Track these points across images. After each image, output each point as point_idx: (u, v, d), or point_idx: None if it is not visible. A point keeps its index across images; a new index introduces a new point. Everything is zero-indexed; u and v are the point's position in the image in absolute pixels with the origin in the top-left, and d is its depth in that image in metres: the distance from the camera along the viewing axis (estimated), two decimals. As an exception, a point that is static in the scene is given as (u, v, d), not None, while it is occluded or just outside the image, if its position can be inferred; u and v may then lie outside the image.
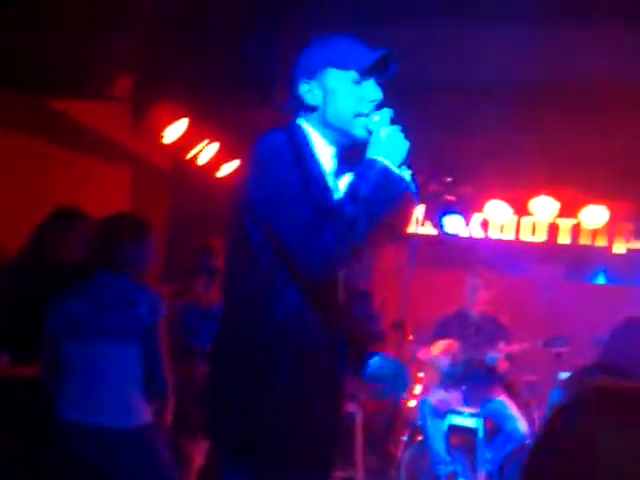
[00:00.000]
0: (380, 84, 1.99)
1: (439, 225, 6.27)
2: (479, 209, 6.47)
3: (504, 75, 4.60)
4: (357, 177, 1.90)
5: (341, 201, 1.87)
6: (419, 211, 6.79)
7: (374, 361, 5.47)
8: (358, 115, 1.96)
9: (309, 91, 1.99)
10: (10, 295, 3.30)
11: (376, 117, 1.95)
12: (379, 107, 1.97)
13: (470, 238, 6.73)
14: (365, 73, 1.95)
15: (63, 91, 4.30)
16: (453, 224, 6.26)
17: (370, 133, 1.94)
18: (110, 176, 5.23)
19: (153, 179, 5.72)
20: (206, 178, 5.67)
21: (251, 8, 4.27)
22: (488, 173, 6.27)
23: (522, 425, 4.90)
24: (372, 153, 1.90)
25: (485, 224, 6.78)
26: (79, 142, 4.81)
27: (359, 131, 1.97)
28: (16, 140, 4.45)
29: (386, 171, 1.86)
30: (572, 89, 4.65)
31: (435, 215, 6.31)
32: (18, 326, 3.21)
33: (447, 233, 6.26)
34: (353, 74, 1.95)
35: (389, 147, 1.89)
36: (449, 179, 6.37)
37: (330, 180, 2.01)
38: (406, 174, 1.92)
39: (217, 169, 5.74)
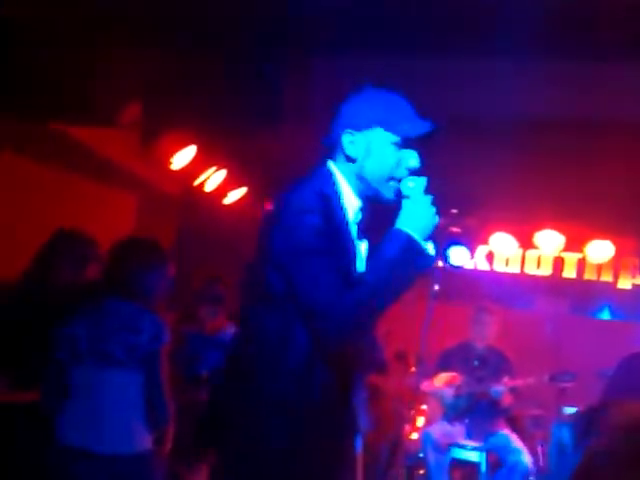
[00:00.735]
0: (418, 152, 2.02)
1: (444, 257, 6.24)
2: (484, 241, 6.46)
3: (510, 109, 4.63)
4: (383, 246, 1.89)
5: (365, 269, 1.89)
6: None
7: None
8: (392, 178, 2.00)
9: (351, 142, 2.01)
10: (14, 321, 3.29)
11: (411, 183, 1.97)
12: (416, 175, 1.99)
13: (475, 270, 6.71)
14: (410, 140, 1.99)
15: (72, 117, 4.35)
16: (458, 256, 6.23)
17: (399, 197, 1.98)
18: (117, 202, 5.25)
19: (160, 205, 5.75)
20: (213, 205, 5.69)
21: (260, 37, 4.32)
22: (493, 206, 6.27)
23: (526, 459, 4.86)
24: (401, 223, 1.91)
25: (490, 257, 6.77)
26: (86, 168, 4.85)
27: (388, 193, 2.01)
28: (23, 165, 4.49)
29: (413, 244, 1.87)
30: (576, 126, 4.67)
31: (440, 247, 6.29)
32: (17, 351, 3.21)
33: (452, 265, 6.24)
34: (397, 138, 1.99)
35: (419, 219, 1.91)
36: (454, 211, 6.38)
37: (353, 232, 2.02)
38: (430, 247, 1.93)
39: (224, 196, 5.77)
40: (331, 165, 2.06)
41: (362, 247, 2.07)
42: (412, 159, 2.01)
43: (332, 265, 1.84)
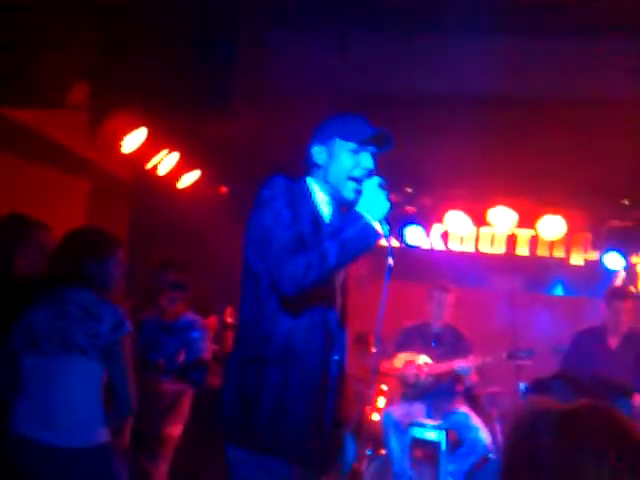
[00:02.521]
0: (376, 155, 2.47)
1: (400, 236, 6.26)
2: (439, 220, 6.49)
3: (463, 88, 4.63)
4: (341, 223, 2.36)
5: (322, 237, 2.31)
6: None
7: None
8: (351, 178, 2.44)
9: (319, 153, 2.51)
10: None
11: (367, 182, 2.41)
12: (371, 175, 2.43)
13: (431, 250, 6.74)
14: (363, 145, 2.44)
15: (16, 99, 4.17)
16: (414, 235, 6.26)
17: (359, 194, 2.40)
18: (68, 187, 5.09)
19: (112, 190, 5.60)
20: (167, 189, 5.57)
21: (210, 19, 4.22)
22: (447, 184, 6.30)
23: (484, 437, 4.92)
24: (359, 208, 2.34)
25: (445, 235, 6.81)
26: (35, 153, 4.67)
27: (348, 193, 2.45)
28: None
29: (365, 225, 2.30)
30: (527, 104, 4.70)
31: (396, 227, 6.30)
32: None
33: (409, 244, 6.26)
34: (353, 145, 2.44)
35: (373, 206, 2.33)
36: (409, 190, 6.40)
37: (324, 221, 2.47)
38: (379, 227, 2.34)
39: (178, 180, 5.65)
40: (308, 178, 2.54)
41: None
42: (366, 161, 2.44)
43: (293, 235, 2.29)
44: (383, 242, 2.41)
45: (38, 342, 2.87)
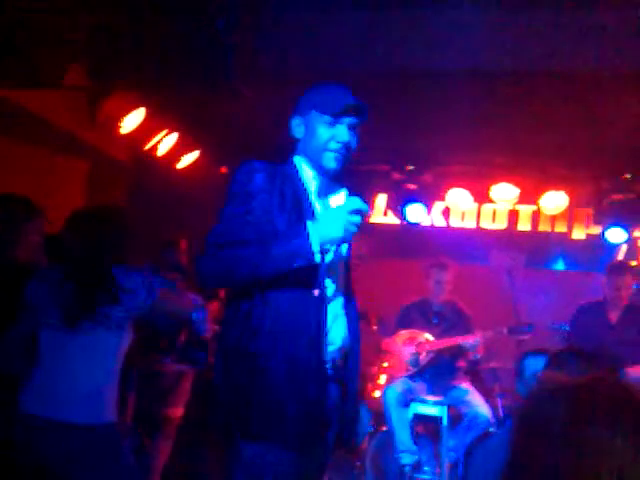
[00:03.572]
0: (354, 125, 2.43)
1: (401, 214, 6.26)
2: (441, 197, 6.48)
3: (465, 63, 4.58)
4: (283, 235, 2.28)
5: (251, 243, 2.26)
6: (381, 201, 6.80)
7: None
8: (327, 150, 2.41)
9: (297, 125, 2.49)
10: None
11: (339, 200, 2.43)
12: (347, 152, 2.42)
13: (432, 227, 6.74)
14: (337, 117, 2.40)
15: (13, 80, 4.15)
16: (415, 213, 6.25)
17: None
18: (65, 169, 5.08)
19: (111, 172, 5.59)
20: (166, 170, 5.57)
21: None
22: (449, 161, 6.28)
23: (485, 412, 4.95)
24: (314, 226, 2.25)
25: (447, 212, 6.80)
26: (33, 135, 4.66)
27: (327, 163, 2.42)
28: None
29: (305, 249, 2.22)
30: (528, 78, 4.65)
31: (397, 204, 6.30)
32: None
33: (409, 222, 6.26)
34: (328, 118, 2.41)
35: (330, 229, 2.24)
36: (410, 167, 6.39)
37: (308, 201, 2.42)
38: (328, 253, 2.30)
39: (177, 160, 5.64)
40: (295, 156, 2.51)
41: (318, 209, 2.45)
42: (342, 133, 2.40)
43: (230, 228, 2.29)
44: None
45: (63, 318, 2.86)
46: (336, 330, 2.40)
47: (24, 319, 2.98)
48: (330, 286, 2.41)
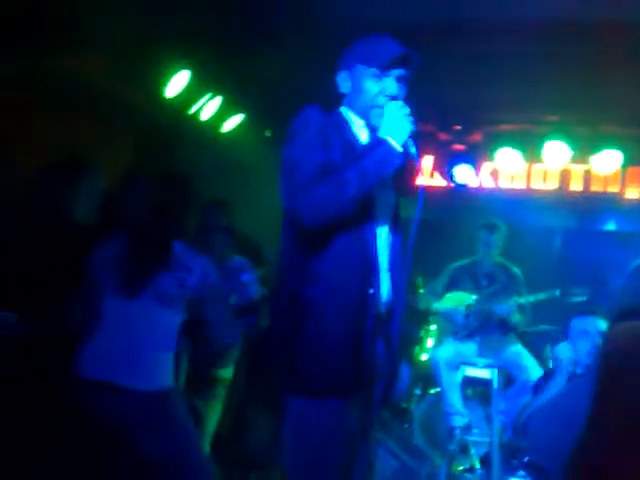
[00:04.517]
0: (403, 76, 2.34)
1: (449, 175, 6.13)
2: (489, 158, 6.33)
3: (511, 14, 4.43)
4: (362, 150, 2.28)
5: (343, 167, 2.21)
6: (428, 162, 6.67)
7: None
8: (375, 107, 2.34)
9: (343, 80, 2.41)
10: (18, 250, 3.18)
11: (388, 106, 2.30)
12: (395, 99, 2.31)
13: (480, 188, 6.61)
14: (385, 70, 2.30)
15: (56, 44, 4.13)
16: (463, 174, 6.12)
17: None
18: (109, 134, 5.08)
19: (155, 136, 5.58)
20: (209, 134, 5.53)
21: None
22: (498, 120, 6.12)
23: (537, 375, 4.87)
24: (381, 132, 2.26)
25: (495, 173, 6.66)
26: (75, 98, 4.66)
27: (375, 120, 2.34)
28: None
29: (386, 148, 2.23)
30: (580, 29, 4.48)
31: (444, 165, 6.18)
32: (27, 283, 3.11)
33: (457, 183, 6.14)
34: (375, 71, 2.31)
35: (395, 128, 2.24)
36: (458, 127, 6.24)
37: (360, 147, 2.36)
38: (411, 148, 2.28)
39: (221, 124, 5.60)
40: (342, 107, 2.44)
41: None
42: (390, 87, 2.32)
43: (317, 164, 2.19)
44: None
45: (125, 286, 2.89)
46: (382, 284, 2.37)
47: (85, 284, 3.00)
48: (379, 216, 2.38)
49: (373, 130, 2.36)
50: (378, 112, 2.32)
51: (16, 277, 3.10)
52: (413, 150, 2.28)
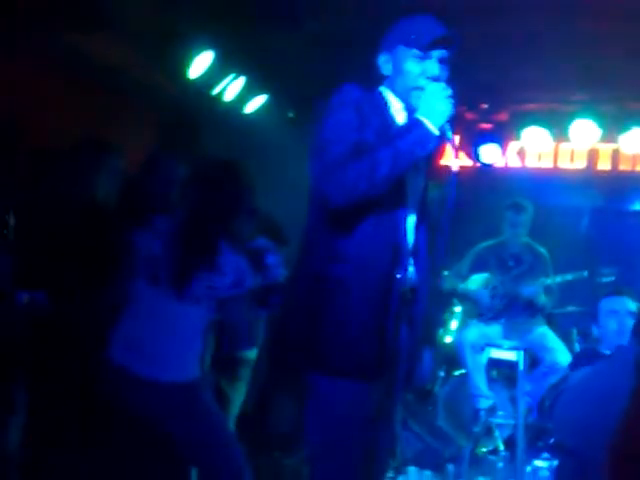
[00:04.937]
0: (445, 58, 2.29)
1: (475, 155, 6.06)
2: (516, 137, 6.24)
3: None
4: (398, 131, 2.23)
5: (377, 146, 2.16)
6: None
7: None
8: (415, 88, 2.28)
9: (385, 62, 2.37)
10: (47, 231, 3.18)
11: (429, 87, 2.24)
12: (437, 80, 2.25)
13: (507, 167, 6.53)
14: (427, 51, 2.26)
15: (75, 24, 4.11)
16: (489, 153, 6.04)
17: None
18: (132, 116, 5.08)
19: (178, 117, 5.57)
20: (233, 114, 5.52)
21: None
22: (525, 98, 6.03)
23: (563, 357, 4.83)
24: (419, 113, 2.20)
25: (522, 153, 6.57)
26: (97, 79, 4.65)
27: (414, 102, 2.28)
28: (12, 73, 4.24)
29: (422, 130, 2.17)
30: (611, 7, 4.37)
31: (470, 145, 6.10)
32: (56, 264, 3.13)
33: (483, 163, 6.06)
34: (416, 52, 2.27)
35: (434, 110, 2.18)
36: (484, 106, 6.16)
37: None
38: (447, 131, 2.21)
39: (244, 105, 5.58)
40: (382, 87, 2.39)
41: None
42: (432, 68, 2.26)
43: (349, 142, 2.14)
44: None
45: (159, 277, 2.85)
46: (409, 267, 2.35)
47: (123, 269, 2.98)
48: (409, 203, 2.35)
49: (411, 112, 2.31)
50: (418, 94, 2.27)
51: (45, 259, 3.12)
52: (449, 134, 2.22)
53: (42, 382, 3.13)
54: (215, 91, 5.19)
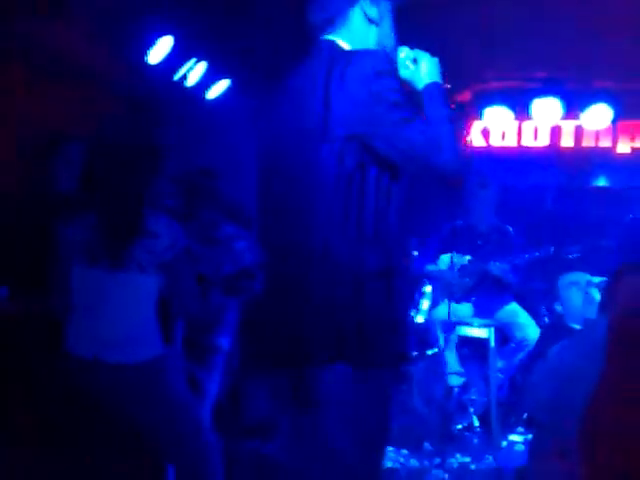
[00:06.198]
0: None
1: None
2: (479, 116, 6.27)
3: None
4: (430, 102, 2.13)
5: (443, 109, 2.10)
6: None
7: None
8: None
9: (372, 3, 2.21)
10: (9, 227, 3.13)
11: (402, 54, 2.21)
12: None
13: (471, 147, 6.56)
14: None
15: (33, 10, 3.99)
16: (453, 133, 6.05)
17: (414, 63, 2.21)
18: (90, 104, 4.97)
19: (138, 104, 5.47)
20: (195, 100, 5.43)
21: None
22: (487, 77, 6.05)
23: (533, 332, 4.88)
24: (429, 78, 2.18)
25: (486, 132, 6.60)
26: (54, 66, 4.53)
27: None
28: None
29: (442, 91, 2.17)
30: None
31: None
32: (18, 258, 3.07)
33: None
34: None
35: (433, 71, 2.21)
36: (447, 86, 6.16)
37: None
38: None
39: (206, 90, 5.49)
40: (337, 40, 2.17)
41: None
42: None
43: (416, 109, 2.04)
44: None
45: (96, 255, 2.81)
46: None
47: (56, 258, 2.93)
48: None
49: None
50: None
51: (6, 252, 3.07)
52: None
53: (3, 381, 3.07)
54: (177, 77, 5.10)
